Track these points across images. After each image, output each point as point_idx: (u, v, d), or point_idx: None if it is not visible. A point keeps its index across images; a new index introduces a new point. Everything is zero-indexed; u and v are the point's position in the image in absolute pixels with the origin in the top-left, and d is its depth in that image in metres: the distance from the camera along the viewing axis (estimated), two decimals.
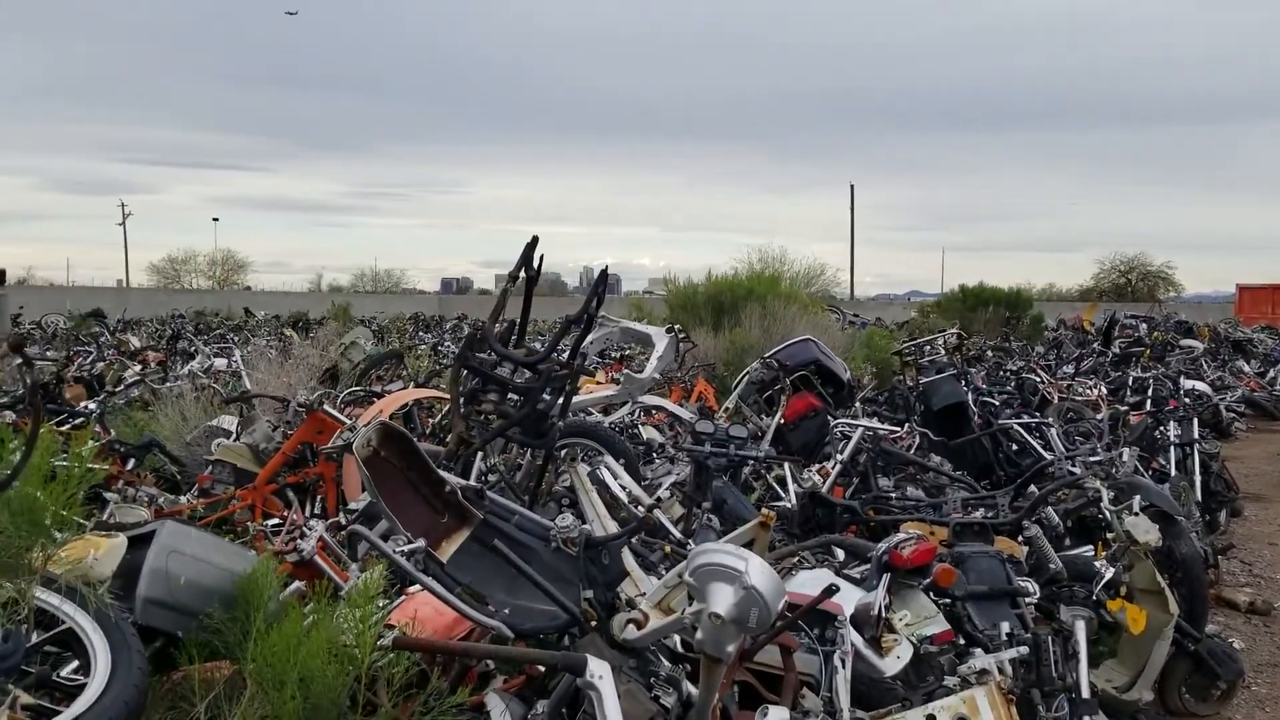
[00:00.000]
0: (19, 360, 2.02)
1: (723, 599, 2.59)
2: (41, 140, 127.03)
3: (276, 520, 5.84)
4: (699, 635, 2.67)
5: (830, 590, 3.17)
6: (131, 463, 6.77)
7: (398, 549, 3.29)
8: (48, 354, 14.02)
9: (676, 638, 3.42)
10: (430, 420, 7.86)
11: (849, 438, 6.73)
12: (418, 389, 8.67)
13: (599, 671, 2.51)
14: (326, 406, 6.24)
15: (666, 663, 3.20)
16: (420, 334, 22.53)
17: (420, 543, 3.32)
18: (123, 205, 62.14)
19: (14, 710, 2.07)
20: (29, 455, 2.14)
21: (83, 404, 8.46)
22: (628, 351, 12.46)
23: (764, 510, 4.11)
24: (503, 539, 3.46)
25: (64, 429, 7.13)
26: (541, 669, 3.68)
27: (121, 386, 10.26)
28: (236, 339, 18.14)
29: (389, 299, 47.22)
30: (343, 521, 5.33)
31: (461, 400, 4.94)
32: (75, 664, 3.23)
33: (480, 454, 5.27)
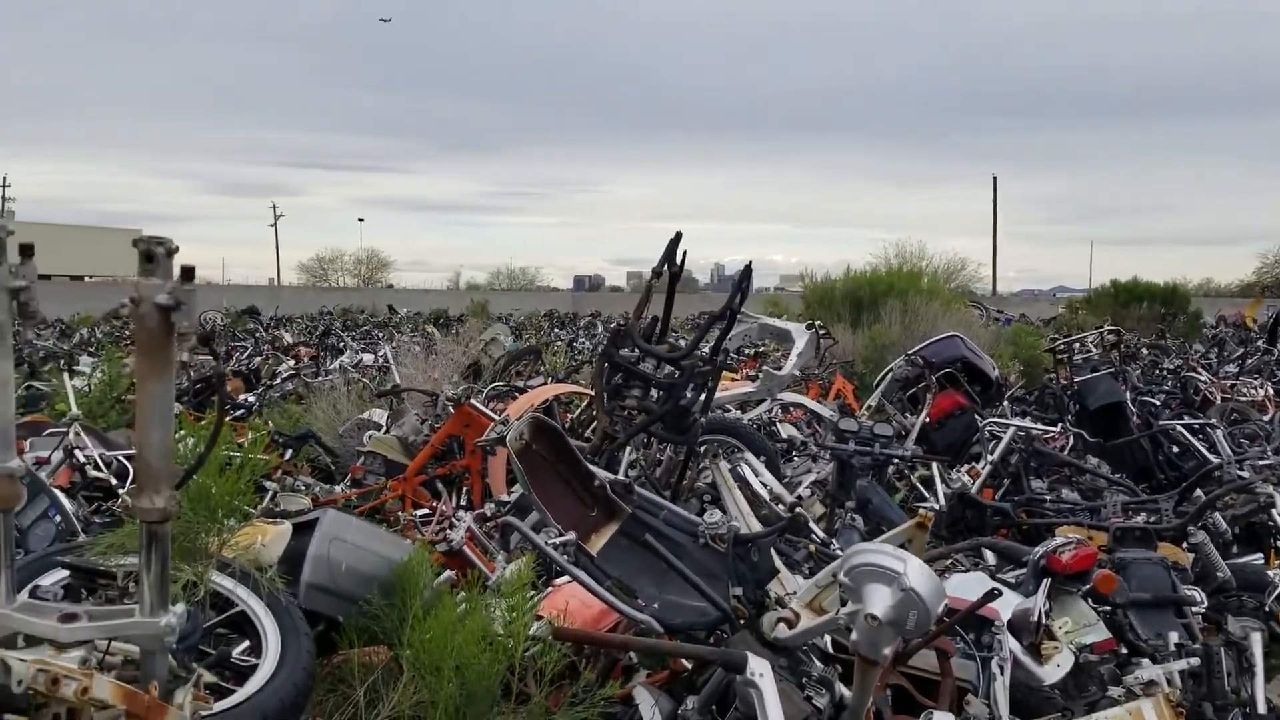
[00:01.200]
0: (199, 352, 2.11)
1: (880, 600, 2.54)
2: (199, 145, 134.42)
3: (425, 510, 6.01)
4: (854, 636, 2.62)
5: (993, 594, 3.07)
6: (289, 453, 7.05)
7: (549, 541, 3.33)
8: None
9: (828, 638, 3.37)
10: (568, 415, 7.96)
11: (999, 438, 6.53)
12: (558, 384, 8.79)
13: (759, 670, 2.49)
14: (474, 401, 6.37)
15: (818, 663, 3.16)
16: (555, 330, 22.87)
17: (571, 535, 3.35)
18: (274, 207, 65.24)
19: (198, 688, 2.18)
20: (214, 444, 2.24)
21: (241, 396, 8.87)
22: (761, 348, 12.36)
23: (922, 511, 4.02)
24: (652, 534, 3.47)
25: (226, 420, 7.49)
26: (688, 664, 3.69)
27: (277, 380, 10.72)
28: (381, 335, 18.75)
29: (524, 296, 48.05)
30: (487, 513, 5.45)
31: (605, 395, 4.98)
32: (244, 645, 3.39)
33: (624, 449, 5.30)
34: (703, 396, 5.04)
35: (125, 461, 6.03)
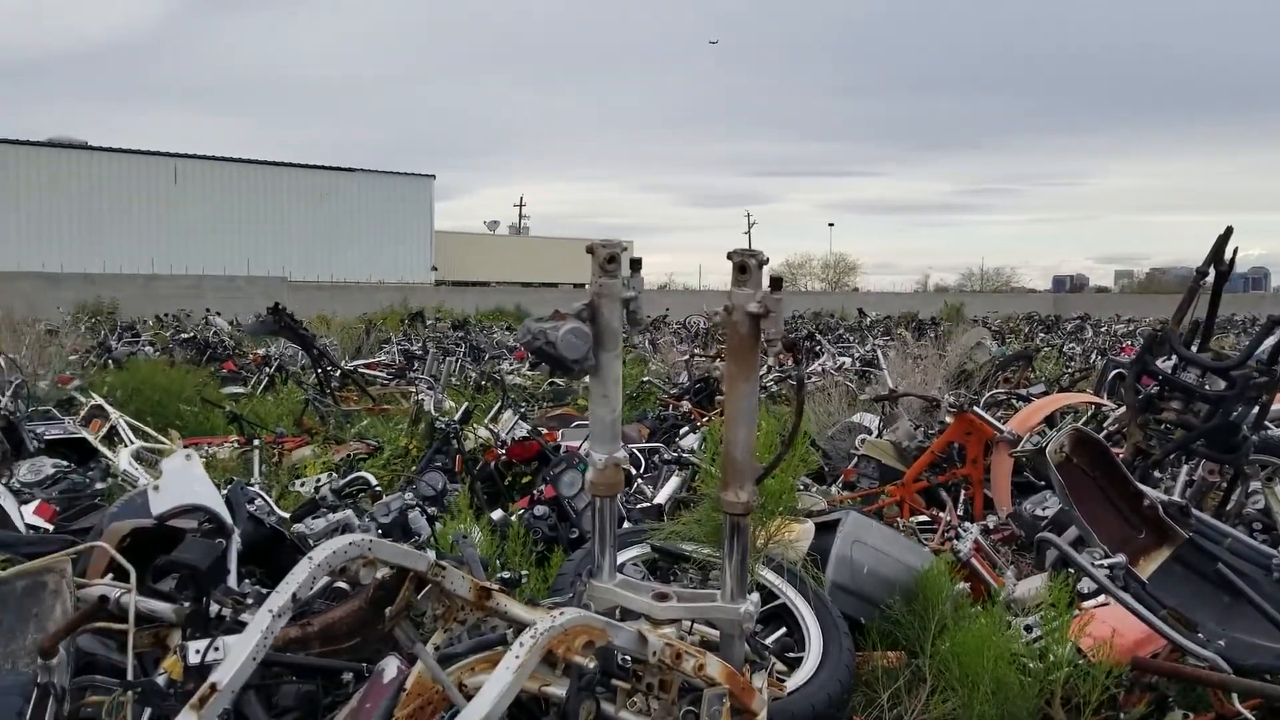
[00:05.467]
0: (794, 355, 2.22)
1: None
2: (682, 161, 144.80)
3: (923, 518, 5.91)
4: None
5: None
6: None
7: (1094, 562, 3.12)
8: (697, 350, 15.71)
9: None
10: None
11: None
12: (1065, 394, 8.27)
13: None
14: (977, 409, 6.17)
15: None
16: (1041, 334, 21.64)
17: (1120, 558, 3.12)
18: (748, 215, 68.77)
19: (771, 675, 2.30)
20: (791, 443, 2.36)
21: (719, 398, 9.29)
22: None
23: None
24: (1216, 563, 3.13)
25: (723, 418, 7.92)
26: (1242, 710, 3.28)
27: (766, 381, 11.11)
28: (853, 338, 18.87)
29: (997, 298, 46.01)
30: (990, 525, 5.24)
31: (1139, 408, 4.58)
32: (778, 634, 3.54)
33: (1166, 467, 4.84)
34: (1255, 411, 4.47)
35: (639, 454, 6.61)
